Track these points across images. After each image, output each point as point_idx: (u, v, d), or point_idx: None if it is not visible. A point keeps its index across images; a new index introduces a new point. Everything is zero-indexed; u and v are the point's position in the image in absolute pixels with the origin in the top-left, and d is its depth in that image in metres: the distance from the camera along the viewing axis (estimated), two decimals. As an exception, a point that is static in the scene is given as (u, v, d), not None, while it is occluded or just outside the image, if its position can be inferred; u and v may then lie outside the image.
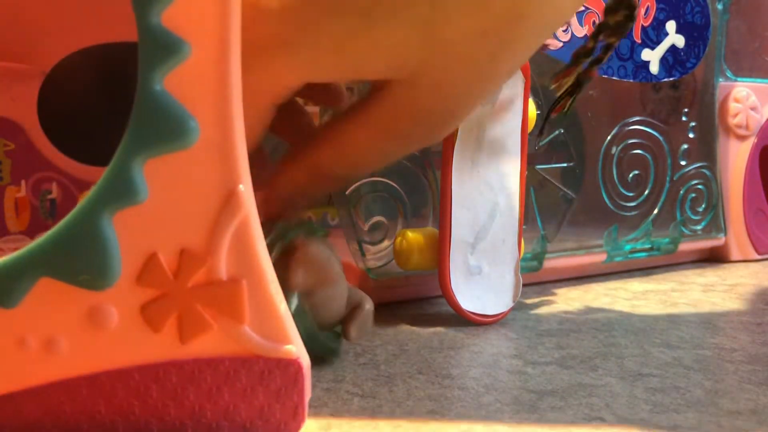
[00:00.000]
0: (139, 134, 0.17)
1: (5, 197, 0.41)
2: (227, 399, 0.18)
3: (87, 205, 0.17)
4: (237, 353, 0.18)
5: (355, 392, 0.22)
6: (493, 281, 0.31)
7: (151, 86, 0.17)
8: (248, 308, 0.18)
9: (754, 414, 0.21)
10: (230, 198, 0.17)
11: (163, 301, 0.18)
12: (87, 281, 0.17)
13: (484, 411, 0.21)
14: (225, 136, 0.17)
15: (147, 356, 0.18)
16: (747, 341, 0.28)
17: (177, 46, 0.17)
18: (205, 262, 0.17)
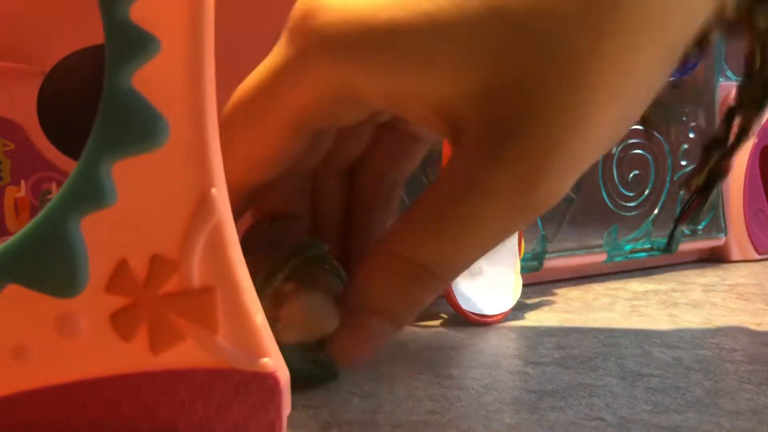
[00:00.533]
0: (106, 135, 0.17)
1: (5, 197, 0.41)
2: (201, 413, 0.17)
3: (53, 209, 0.16)
4: (211, 365, 0.17)
5: (355, 392, 0.22)
6: (493, 281, 0.31)
7: (119, 84, 0.16)
8: (222, 318, 0.17)
9: (755, 414, 0.21)
10: (203, 202, 0.17)
11: (133, 310, 0.17)
12: (54, 288, 0.16)
13: (484, 411, 0.21)
14: (197, 137, 0.16)
15: (118, 367, 0.17)
16: (747, 341, 0.28)
17: (146, 41, 0.16)
18: (177, 268, 0.17)
